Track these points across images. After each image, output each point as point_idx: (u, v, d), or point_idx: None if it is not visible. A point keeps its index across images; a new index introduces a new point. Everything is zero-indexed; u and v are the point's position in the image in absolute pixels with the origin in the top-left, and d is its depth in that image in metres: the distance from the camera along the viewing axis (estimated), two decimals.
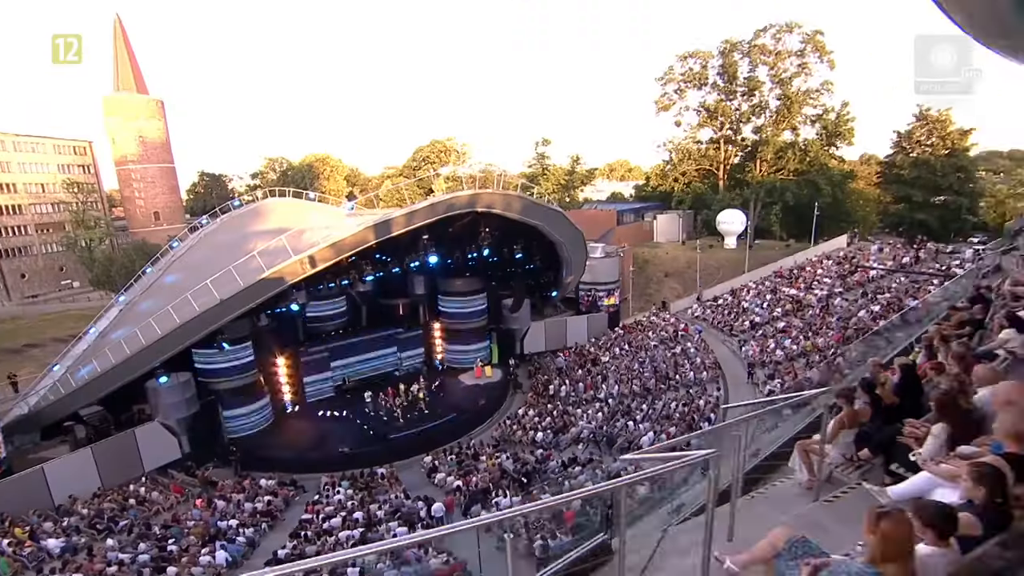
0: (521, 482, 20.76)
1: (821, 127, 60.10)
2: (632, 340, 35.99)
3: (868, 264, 34.09)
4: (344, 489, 21.79)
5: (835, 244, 42.96)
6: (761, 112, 61.59)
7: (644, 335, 36.51)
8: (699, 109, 64.76)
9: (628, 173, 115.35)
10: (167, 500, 21.75)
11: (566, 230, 28.01)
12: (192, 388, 25.23)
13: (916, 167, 55.93)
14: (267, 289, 22.52)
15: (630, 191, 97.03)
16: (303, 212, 35.89)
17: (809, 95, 59.02)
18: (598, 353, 35.06)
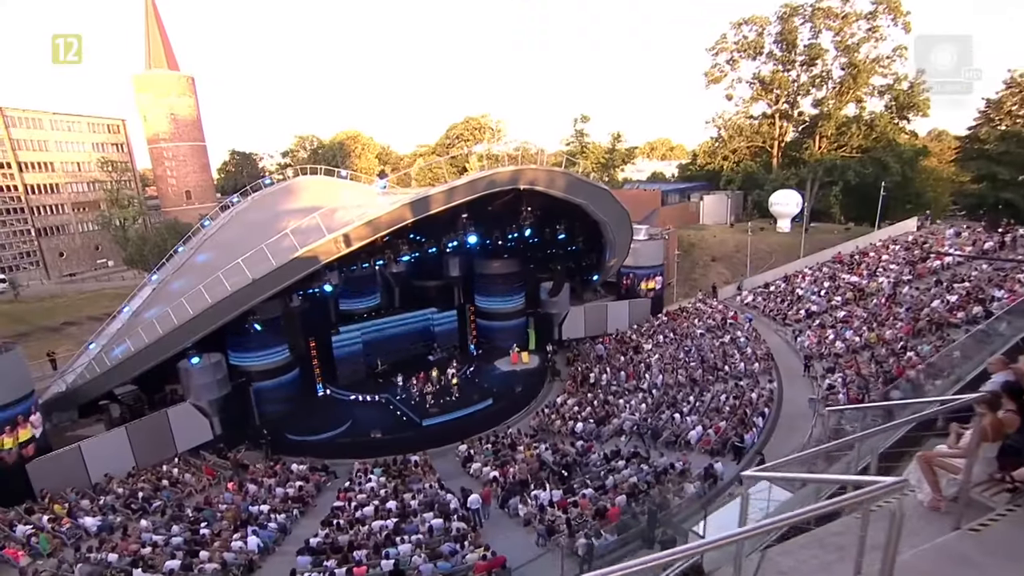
0: (561, 475, 20.26)
1: (891, 98, 56.78)
2: (677, 328, 35.14)
3: (943, 250, 32.16)
4: (376, 476, 21.73)
5: (902, 228, 40.84)
6: (822, 83, 58.66)
7: (690, 322, 35.58)
8: (753, 81, 62.41)
9: (670, 152, 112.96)
10: (199, 482, 22.03)
11: (612, 209, 27.21)
12: (223, 369, 25.50)
13: (1005, 140, 50.93)
14: (300, 268, 22.39)
15: (672, 171, 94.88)
16: (335, 190, 35.79)
17: (879, 63, 55.52)
18: (640, 340, 34.38)
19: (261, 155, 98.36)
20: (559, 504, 17.63)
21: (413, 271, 34.79)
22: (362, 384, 30.67)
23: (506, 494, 19.30)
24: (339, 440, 25.45)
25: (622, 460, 20.62)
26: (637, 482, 18.41)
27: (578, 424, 25.01)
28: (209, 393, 24.85)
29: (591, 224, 28.42)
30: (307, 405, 28.65)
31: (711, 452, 20.46)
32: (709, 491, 17.94)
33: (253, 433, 25.97)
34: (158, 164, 74.62)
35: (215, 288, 22.15)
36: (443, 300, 35.61)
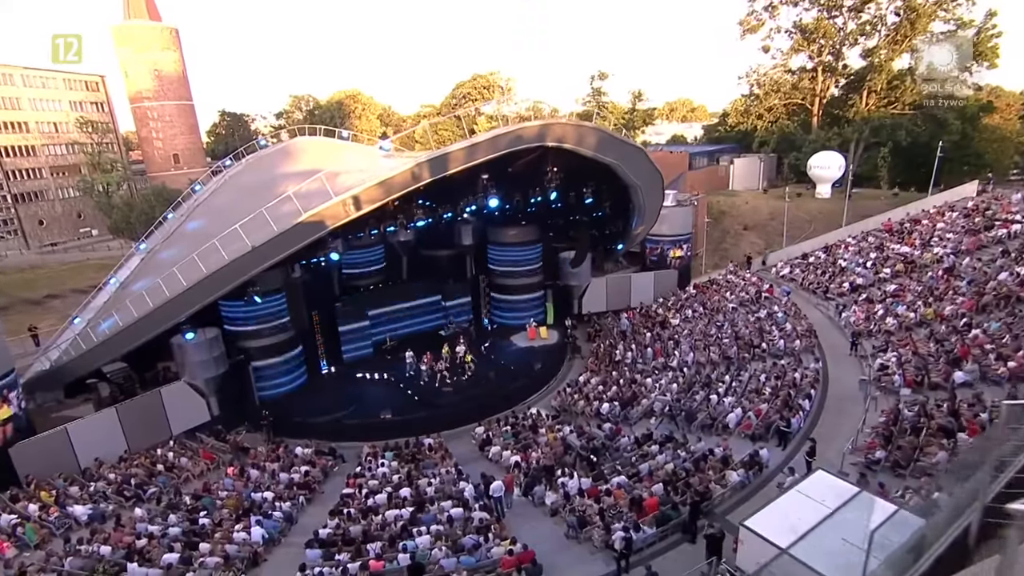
0: (589, 460, 19.81)
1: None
2: (707, 301, 34.55)
3: (1012, 217, 30.96)
4: (388, 461, 21.42)
5: (959, 193, 39.50)
6: (873, 31, 55.90)
7: (721, 296, 34.96)
8: (793, 31, 59.95)
9: (691, 114, 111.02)
10: (197, 467, 21.81)
11: (644, 171, 26.30)
12: (220, 346, 25.11)
13: None
14: (305, 235, 21.80)
15: (695, 134, 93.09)
16: (335, 152, 35.27)
17: (941, 6, 52.41)
18: (667, 315, 33.87)
19: (253, 116, 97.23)
20: (589, 492, 17.20)
21: (422, 240, 34.25)
22: (369, 362, 30.40)
23: (530, 481, 18.85)
24: (346, 421, 25.22)
25: (655, 444, 20.18)
26: (674, 469, 17.91)
27: (603, 405, 24.57)
28: (205, 371, 24.50)
29: (619, 188, 27.63)
30: (311, 384, 28.41)
31: (752, 437, 19.93)
32: (754, 480, 17.42)
33: (253, 414, 25.71)
34: (142, 125, 73.55)
35: (210, 257, 21.62)
36: (454, 271, 35.22)
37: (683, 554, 14.59)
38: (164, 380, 25.54)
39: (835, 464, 16.21)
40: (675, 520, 15.41)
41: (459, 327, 32.24)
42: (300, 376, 28.29)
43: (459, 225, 33.56)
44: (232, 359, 25.54)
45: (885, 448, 16.20)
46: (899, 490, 14.02)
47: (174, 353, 24.66)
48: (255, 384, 26.43)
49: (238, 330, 25.98)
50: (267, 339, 26.34)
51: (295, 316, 27.46)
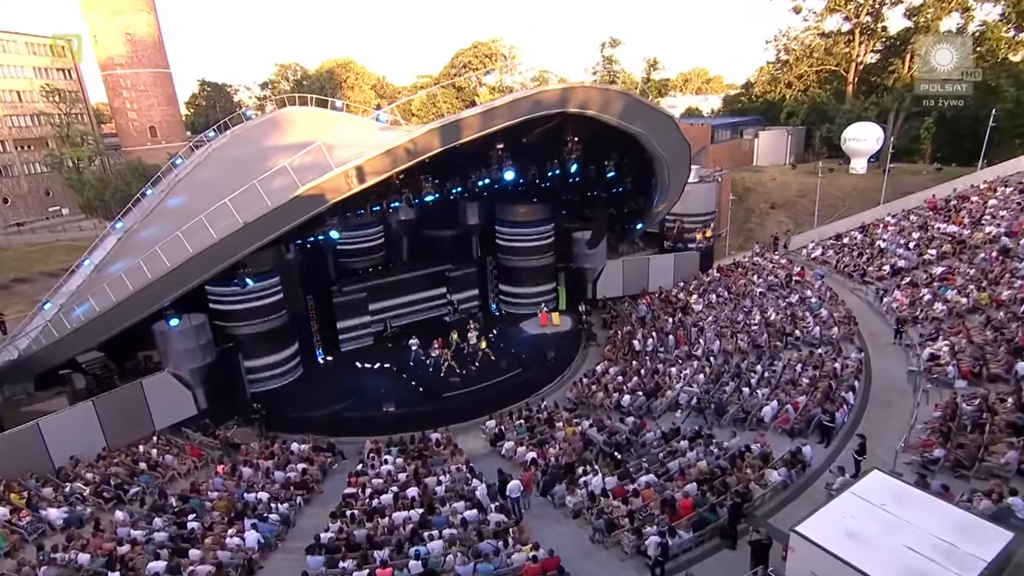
0: (613, 457, 19.35)
1: (1009, 3, 52.49)
2: (732, 285, 34.16)
3: None
4: (393, 457, 21.04)
5: (1014, 167, 38.61)
6: None
7: (747, 280, 34.53)
8: None
9: (706, 85, 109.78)
10: (183, 465, 21.43)
11: (672, 142, 25.64)
12: (208, 333, 24.71)
13: None
14: (303, 210, 21.23)
15: (711, 106, 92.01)
16: (329, 124, 34.80)
17: None
18: (689, 300, 33.53)
19: (236, 87, 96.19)
20: (615, 492, 16.78)
21: (424, 219, 34.00)
22: (369, 350, 30.06)
23: (549, 479, 18.49)
24: (345, 415, 24.90)
25: (684, 440, 19.78)
26: (708, 467, 17.48)
27: (624, 397, 24.25)
28: (191, 361, 24.09)
29: (642, 161, 27.03)
30: (306, 374, 28.13)
31: (791, 432, 19.47)
32: (797, 479, 16.97)
33: (243, 407, 25.31)
34: (115, 95, 72.25)
35: (197, 235, 21.07)
36: (458, 252, 34.83)
37: (723, 561, 14.19)
38: (145, 371, 25.12)
39: (886, 463, 15.74)
40: (713, 523, 14.98)
41: (465, 313, 32.00)
42: (295, 366, 27.96)
43: (463, 203, 33.15)
44: (220, 347, 25.14)
45: (944, 446, 15.70)
46: (965, 493, 13.52)
47: (156, 341, 24.22)
48: (245, 375, 26.07)
49: (227, 316, 25.61)
50: (259, 326, 25.93)
51: (290, 300, 27.07)
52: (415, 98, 64.54)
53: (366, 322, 30.70)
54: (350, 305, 29.95)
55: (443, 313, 32.93)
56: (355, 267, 32.78)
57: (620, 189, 29.94)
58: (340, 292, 29.58)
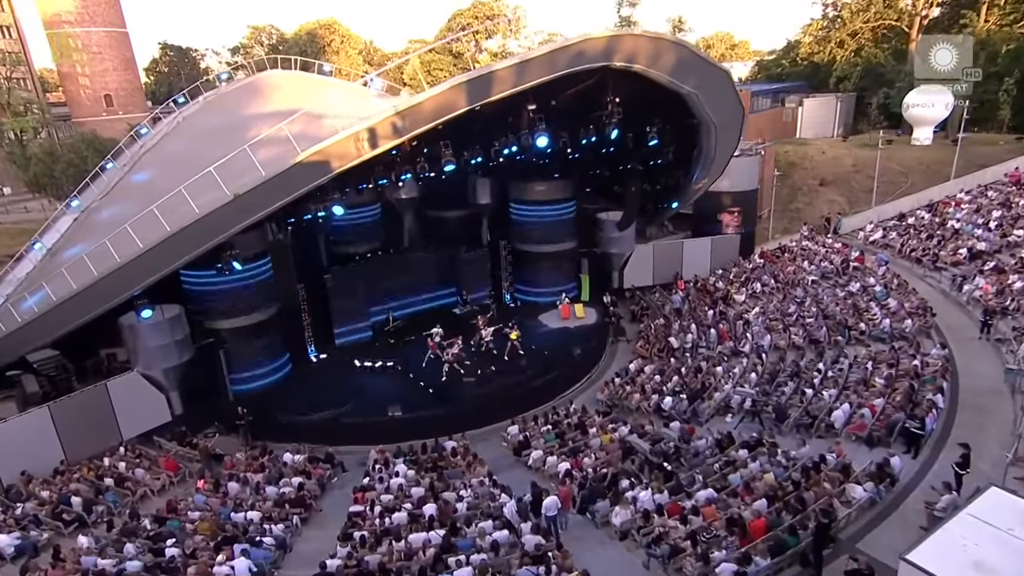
0: (660, 468, 18.52)
1: None
2: (779, 273, 33.55)
3: None
4: (404, 469, 20.36)
5: None
6: None
7: (796, 266, 33.93)
8: None
9: (730, 52, 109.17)
10: (156, 479, 20.81)
11: (725, 104, 24.80)
12: (184, 327, 24.10)
13: None
14: (304, 179, 20.56)
15: (738, 74, 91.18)
16: (315, 90, 34.70)
17: None
18: (729, 289, 33.02)
19: (203, 51, 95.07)
20: (670, 510, 15.95)
21: (427, 198, 33.70)
22: (368, 346, 29.76)
23: (588, 494, 17.74)
24: (345, 420, 24.44)
25: (742, 448, 19.02)
26: (776, 480, 16.61)
27: (665, 399, 23.74)
28: (165, 359, 23.50)
29: (685, 128, 26.24)
30: (296, 374, 27.84)
31: (868, 440, 18.61)
32: (885, 496, 16.06)
33: (225, 412, 24.77)
34: (63, 57, 70.23)
35: (176, 211, 20.39)
36: (467, 236, 34.60)
37: None
38: (109, 371, 24.68)
39: (992, 478, 14.76)
40: (794, 548, 14.03)
41: (476, 305, 31.86)
42: (284, 365, 27.56)
43: (473, 179, 32.70)
44: (199, 343, 24.57)
45: None
46: None
47: (124, 336, 23.59)
48: (227, 375, 25.52)
49: (206, 307, 25.04)
50: (244, 318, 25.37)
51: (282, 289, 26.58)
52: (408, 59, 63.41)
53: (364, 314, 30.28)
54: (346, 295, 29.47)
55: (451, 304, 32.72)
56: (350, 253, 32.32)
57: (658, 161, 29.10)
58: (334, 280, 29.10)
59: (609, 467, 19.02)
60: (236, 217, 20.57)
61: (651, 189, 32.65)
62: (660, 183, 32.09)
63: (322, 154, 20.38)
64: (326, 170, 20.68)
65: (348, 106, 28.35)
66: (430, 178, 25.19)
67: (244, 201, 20.21)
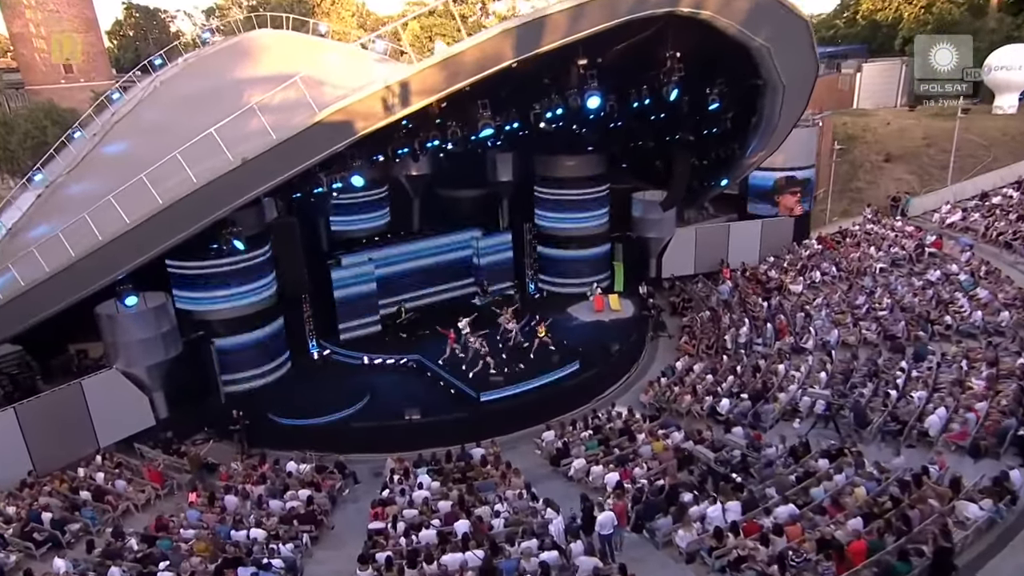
0: (728, 479, 18.21)
1: None
2: (842, 260, 33.39)
3: None
4: (429, 480, 20.09)
5: None
6: None
7: (862, 252, 33.69)
8: None
9: None
10: (140, 492, 20.49)
11: (800, 60, 24.07)
12: (171, 318, 23.76)
13: None
14: (324, 142, 20.13)
15: None
16: (310, 53, 34.56)
17: None
18: (784, 279, 32.88)
19: (172, 13, 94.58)
20: (747, 529, 15.44)
21: (439, 175, 33.80)
22: (377, 340, 29.65)
23: (644, 509, 17.34)
24: (355, 424, 24.29)
25: (823, 459, 18.55)
26: (870, 495, 16.04)
27: (722, 401, 23.59)
28: (150, 354, 23.11)
29: (746, 91, 25.90)
30: (297, 372, 27.82)
31: (973, 450, 18.12)
32: (1006, 515, 15.47)
33: (217, 415, 24.58)
34: (14, 17, 69.38)
35: (166, 182, 19.94)
36: (484, 218, 34.66)
37: None
38: (80, 369, 24.78)
39: None
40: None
41: (498, 295, 31.87)
42: (282, 361, 27.42)
43: (493, 153, 32.54)
44: (188, 337, 24.26)
45: None
46: None
47: (101, 329, 23.17)
48: (219, 373, 25.22)
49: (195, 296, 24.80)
50: (239, 308, 25.12)
51: (288, 275, 26.38)
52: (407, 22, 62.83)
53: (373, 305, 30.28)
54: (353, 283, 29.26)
55: (470, 294, 32.67)
56: (353, 235, 32.50)
57: (713, 130, 28.64)
58: (338, 266, 29.01)
59: (665, 478, 18.71)
60: (243, 186, 20.20)
61: (698, 164, 32.19)
62: (710, 157, 31.71)
63: (345, 113, 19.93)
64: (349, 131, 20.24)
65: (349, 71, 28.09)
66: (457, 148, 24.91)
67: (253, 167, 19.83)
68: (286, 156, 20.07)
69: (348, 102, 19.93)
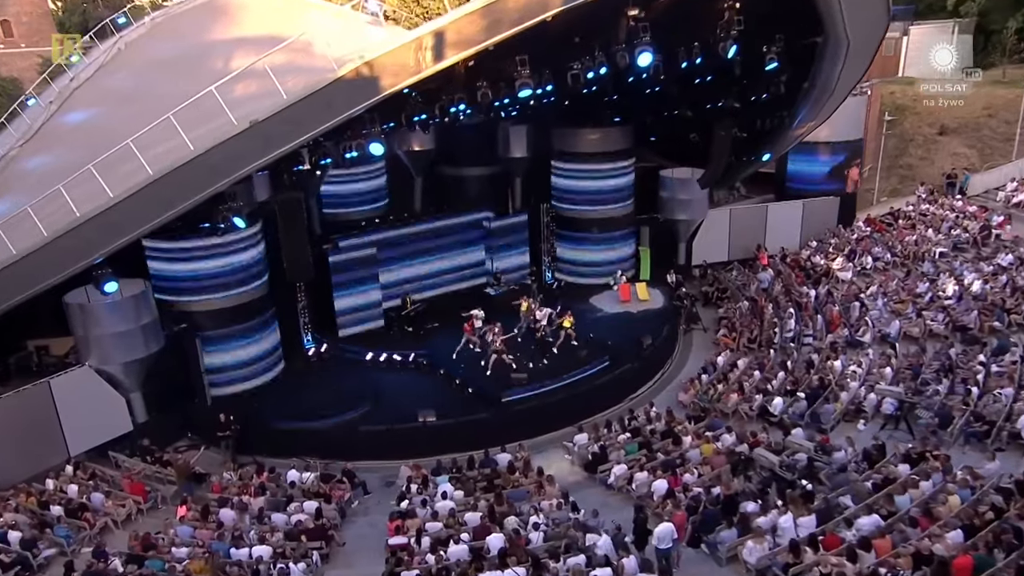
0: (794, 486, 17.91)
1: None
2: (896, 244, 33.52)
3: None
4: (452, 490, 19.94)
5: None
6: None
7: (919, 235, 33.72)
8: None
9: None
10: (120, 506, 20.09)
11: (871, 13, 23.73)
12: (152, 308, 23.22)
13: None
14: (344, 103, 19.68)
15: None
16: (295, 13, 33.92)
17: None
18: (830, 265, 32.91)
19: None
20: (827, 543, 15.17)
21: (444, 152, 33.59)
22: (380, 334, 29.68)
23: (702, 520, 17.25)
24: (363, 428, 23.99)
25: (903, 464, 18.28)
26: (964, 503, 15.76)
27: (774, 400, 23.51)
28: (128, 349, 22.51)
29: (803, 50, 25.49)
30: (290, 371, 27.66)
31: None
32: None
33: (203, 419, 24.31)
34: None
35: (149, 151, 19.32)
36: (493, 200, 34.60)
37: None
38: (40, 368, 24.71)
39: None
40: None
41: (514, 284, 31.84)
42: (276, 359, 27.29)
43: (504, 125, 32.28)
44: (170, 330, 23.78)
45: None
46: None
47: (71, 320, 22.56)
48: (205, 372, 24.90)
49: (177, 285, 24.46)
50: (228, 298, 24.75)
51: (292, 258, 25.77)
52: None
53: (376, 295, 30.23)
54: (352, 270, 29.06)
55: (482, 283, 32.57)
56: (348, 219, 32.39)
57: (762, 96, 28.20)
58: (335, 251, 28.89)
59: (720, 485, 18.53)
60: (248, 154, 19.72)
61: (739, 136, 31.90)
62: (754, 127, 31.40)
63: (372, 67, 19.50)
64: (374, 90, 19.77)
65: (339, 34, 27.76)
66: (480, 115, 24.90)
67: (263, 131, 19.30)
68: (300, 118, 19.68)
69: (376, 55, 19.59)
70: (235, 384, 25.66)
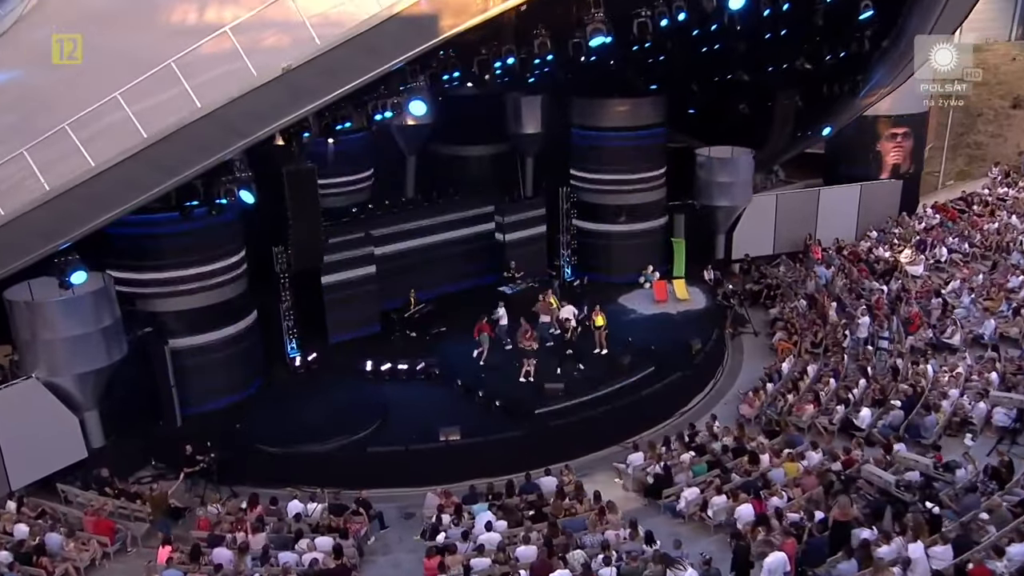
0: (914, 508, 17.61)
1: None
2: (974, 234, 33.59)
3: None
4: (493, 519, 19.53)
5: None
6: None
7: (1001, 223, 33.87)
8: None
9: None
10: (84, 549, 19.25)
11: None
12: (115, 307, 22.43)
13: None
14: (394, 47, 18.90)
15: None
16: None
17: None
18: (897, 258, 32.98)
19: None
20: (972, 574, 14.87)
21: (441, 128, 33.48)
22: (380, 340, 29.47)
23: (810, 550, 17.01)
24: (372, 450, 23.72)
25: None
26: None
27: (862, 411, 23.40)
28: (87, 357, 21.73)
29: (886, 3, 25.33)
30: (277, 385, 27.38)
31: None
32: None
33: (170, 443, 23.62)
34: None
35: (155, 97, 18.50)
36: (501, 183, 34.83)
37: None
38: None
39: None
40: None
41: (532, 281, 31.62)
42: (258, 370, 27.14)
43: (514, 98, 32.30)
44: (134, 334, 23.08)
45: None
46: None
47: (14, 322, 21.76)
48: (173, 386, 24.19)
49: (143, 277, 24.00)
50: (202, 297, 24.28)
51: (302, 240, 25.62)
52: None
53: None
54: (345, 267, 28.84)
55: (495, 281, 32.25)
56: (331, 206, 31.53)
57: (841, 54, 27.95)
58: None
59: (819, 509, 18.41)
60: (274, 110, 18.91)
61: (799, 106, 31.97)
62: (820, 94, 31.30)
63: (432, 5, 18.79)
64: (431, 32, 18.99)
65: None
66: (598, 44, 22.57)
67: (299, 79, 18.49)
68: (338, 67, 18.83)
69: None
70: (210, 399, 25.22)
